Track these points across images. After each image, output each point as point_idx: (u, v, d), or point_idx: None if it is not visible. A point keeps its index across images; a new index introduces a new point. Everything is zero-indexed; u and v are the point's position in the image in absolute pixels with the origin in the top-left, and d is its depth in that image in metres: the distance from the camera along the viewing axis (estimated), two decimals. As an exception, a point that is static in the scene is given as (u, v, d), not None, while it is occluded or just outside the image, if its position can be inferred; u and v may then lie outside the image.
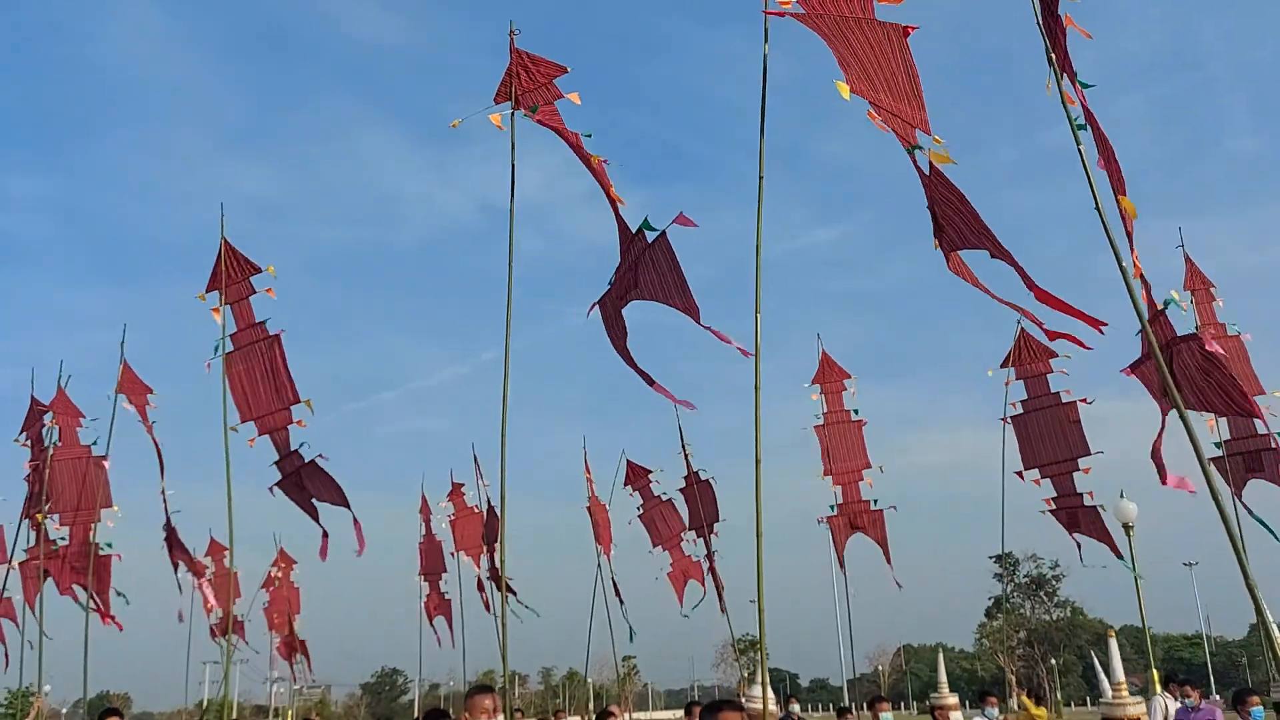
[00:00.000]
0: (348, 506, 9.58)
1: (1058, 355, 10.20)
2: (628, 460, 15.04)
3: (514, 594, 15.51)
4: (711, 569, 13.07)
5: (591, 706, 79.71)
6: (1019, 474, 10.35)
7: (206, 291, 9.16)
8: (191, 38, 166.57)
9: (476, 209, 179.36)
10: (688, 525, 13.35)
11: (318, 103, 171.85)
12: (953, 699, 7.12)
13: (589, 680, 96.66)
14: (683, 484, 13.97)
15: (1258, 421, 9.07)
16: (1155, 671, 8.56)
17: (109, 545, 11.16)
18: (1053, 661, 77.18)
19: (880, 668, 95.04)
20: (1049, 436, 10.14)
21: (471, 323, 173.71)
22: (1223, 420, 9.55)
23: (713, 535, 12.98)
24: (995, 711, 9.08)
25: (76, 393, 11.02)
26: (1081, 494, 10.03)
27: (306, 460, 9.41)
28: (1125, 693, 6.89)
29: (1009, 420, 10.44)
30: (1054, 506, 10.22)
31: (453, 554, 16.30)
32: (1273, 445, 9.31)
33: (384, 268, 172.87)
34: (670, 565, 15.15)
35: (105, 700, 64.60)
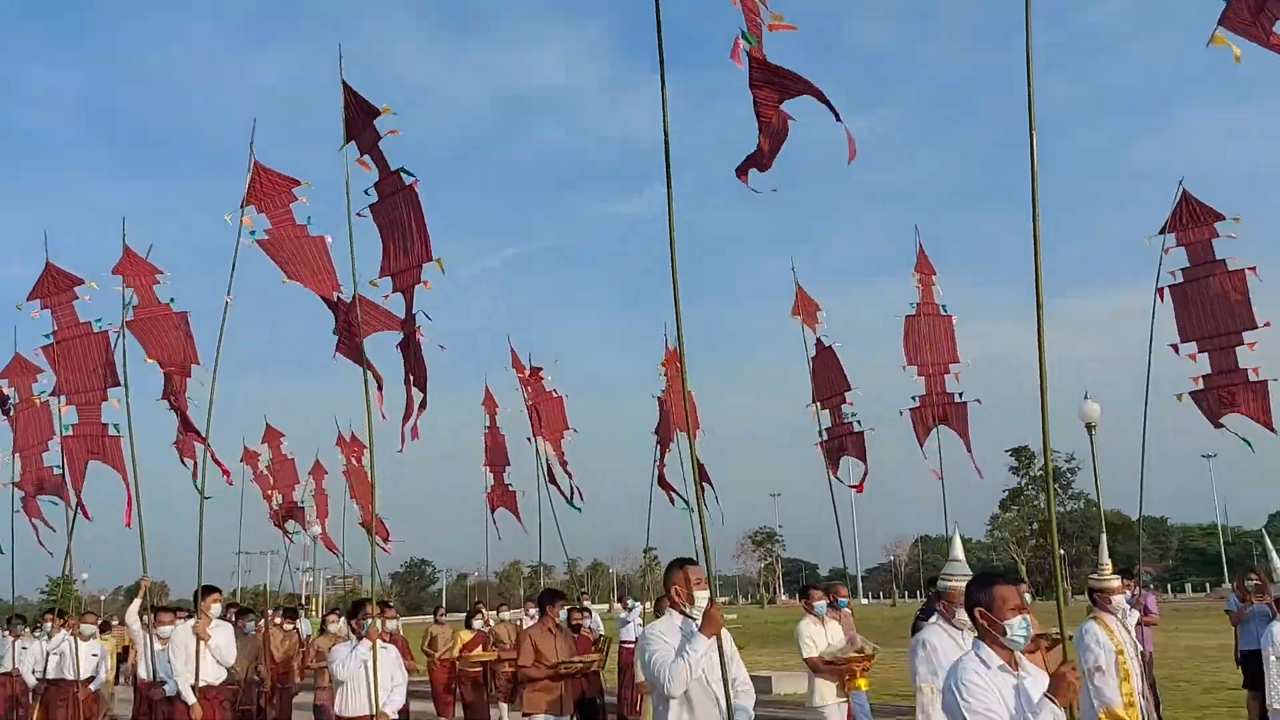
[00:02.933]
0: (424, 391, 8.89)
1: (1224, 219, 9.36)
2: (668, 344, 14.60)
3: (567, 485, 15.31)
4: (826, 444, 12.34)
5: (615, 595, 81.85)
6: (1174, 347, 9.69)
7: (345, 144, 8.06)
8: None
9: (494, 100, 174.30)
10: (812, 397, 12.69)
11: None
12: (1114, 580, 6.65)
13: (612, 570, 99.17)
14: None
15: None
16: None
17: (115, 427, 10.52)
18: (1061, 551, 78.48)
19: (896, 557, 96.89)
20: (1213, 308, 9.44)
21: (494, 218, 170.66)
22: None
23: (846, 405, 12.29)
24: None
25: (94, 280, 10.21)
26: (1245, 369, 9.36)
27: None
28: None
29: (1166, 290, 9.62)
30: (1202, 386, 9.52)
31: (528, 440, 15.93)
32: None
33: (403, 161, 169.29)
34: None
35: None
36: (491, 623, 14.43)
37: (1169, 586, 75.84)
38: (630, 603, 16.13)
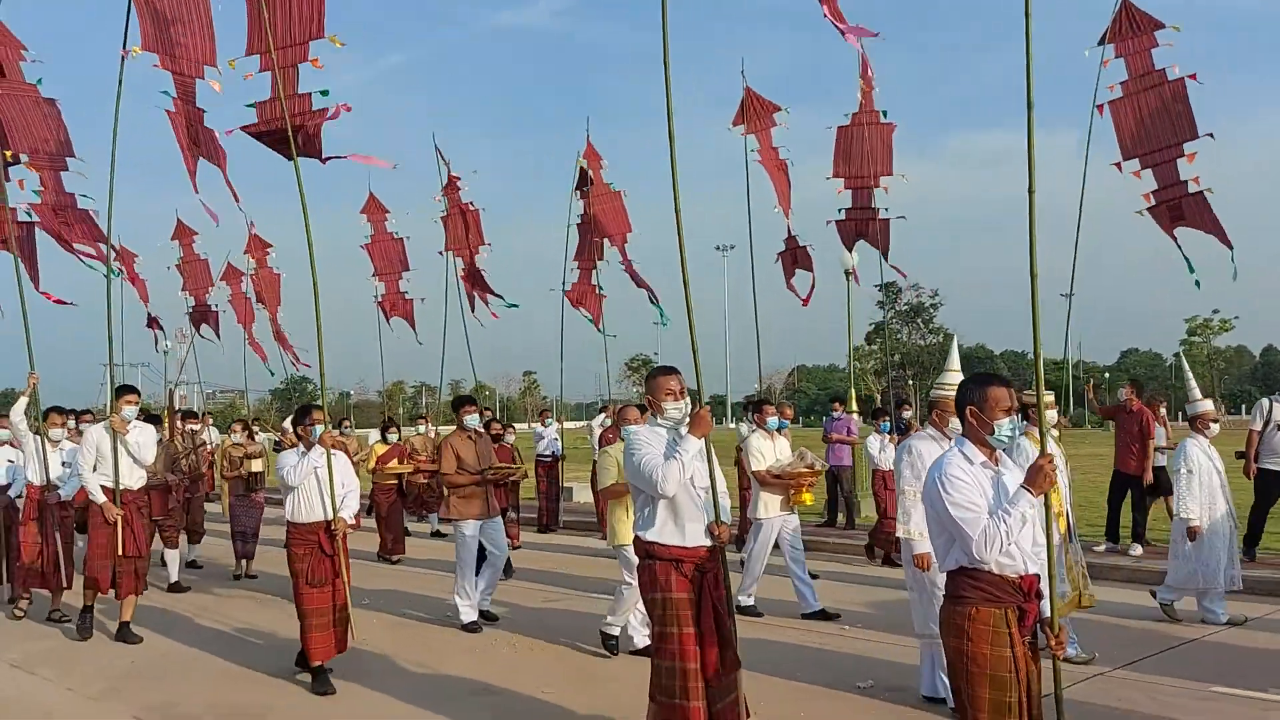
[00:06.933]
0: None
1: (1164, 27, 8.88)
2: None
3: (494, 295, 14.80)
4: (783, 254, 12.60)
5: (498, 416, 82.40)
6: (1117, 165, 9.41)
7: None
8: None
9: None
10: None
11: None
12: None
13: (495, 390, 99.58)
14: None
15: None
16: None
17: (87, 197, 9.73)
18: (911, 383, 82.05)
19: (773, 385, 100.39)
20: (1154, 121, 9.11)
21: (373, 22, 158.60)
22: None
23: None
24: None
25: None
26: (1186, 181, 9.15)
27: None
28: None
29: (1106, 106, 9.19)
30: (1154, 202, 9.36)
31: (440, 253, 15.14)
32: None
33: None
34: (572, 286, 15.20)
35: (9, 397, 62.72)
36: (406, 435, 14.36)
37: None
38: (548, 419, 16.31)
